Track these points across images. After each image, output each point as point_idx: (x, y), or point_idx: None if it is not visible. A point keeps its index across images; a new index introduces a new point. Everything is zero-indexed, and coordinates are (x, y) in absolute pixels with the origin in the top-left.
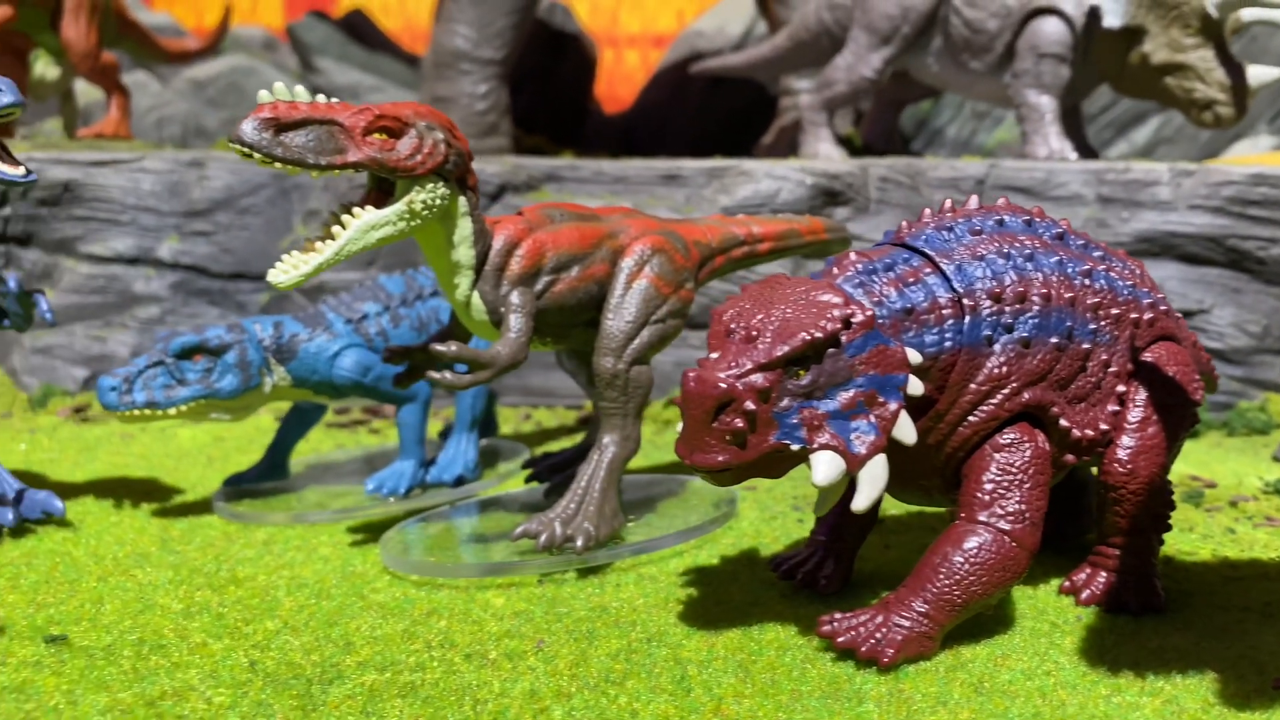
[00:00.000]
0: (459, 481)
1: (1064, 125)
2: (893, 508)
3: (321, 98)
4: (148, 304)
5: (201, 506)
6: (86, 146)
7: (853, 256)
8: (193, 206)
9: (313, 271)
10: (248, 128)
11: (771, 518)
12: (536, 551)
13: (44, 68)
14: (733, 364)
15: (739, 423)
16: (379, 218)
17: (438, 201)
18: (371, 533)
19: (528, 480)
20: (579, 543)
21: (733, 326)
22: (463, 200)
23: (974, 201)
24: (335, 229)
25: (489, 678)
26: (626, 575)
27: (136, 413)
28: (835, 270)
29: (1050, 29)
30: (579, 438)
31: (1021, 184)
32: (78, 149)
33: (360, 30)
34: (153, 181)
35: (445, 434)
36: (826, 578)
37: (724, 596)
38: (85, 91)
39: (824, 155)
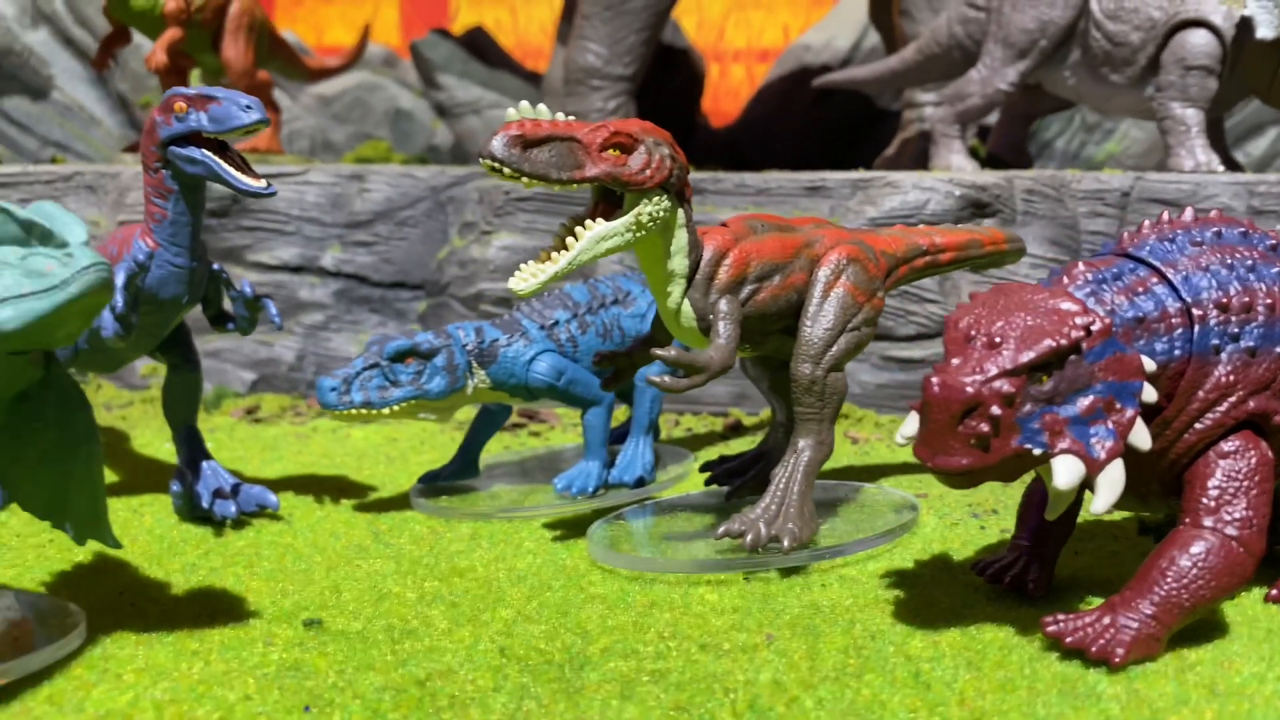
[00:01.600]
0: (639, 483)
1: (1208, 138)
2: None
3: (561, 116)
4: (312, 310)
5: (398, 502)
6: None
7: (1081, 266)
8: (354, 218)
9: (549, 280)
10: (497, 144)
11: (952, 525)
12: (741, 551)
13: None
14: (977, 369)
15: (984, 427)
16: (608, 229)
17: (661, 214)
18: (567, 529)
19: (707, 484)
20: (785, 543)
21: (972, 333)
22: (681, 212)
23: (1189, 214)
24: (569, 240)
25: (729, 667)
26: (828, 576)
27: (353, 412)
28: (1065, 279)
29: (1198, 41)
30: (734, 445)
31: (1168, 196)
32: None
33: (481, 47)
34: (316, 194)
35: (620, 437)
36: (1034, 581)
37: (931, 598)
38: None
39: (956, 167)
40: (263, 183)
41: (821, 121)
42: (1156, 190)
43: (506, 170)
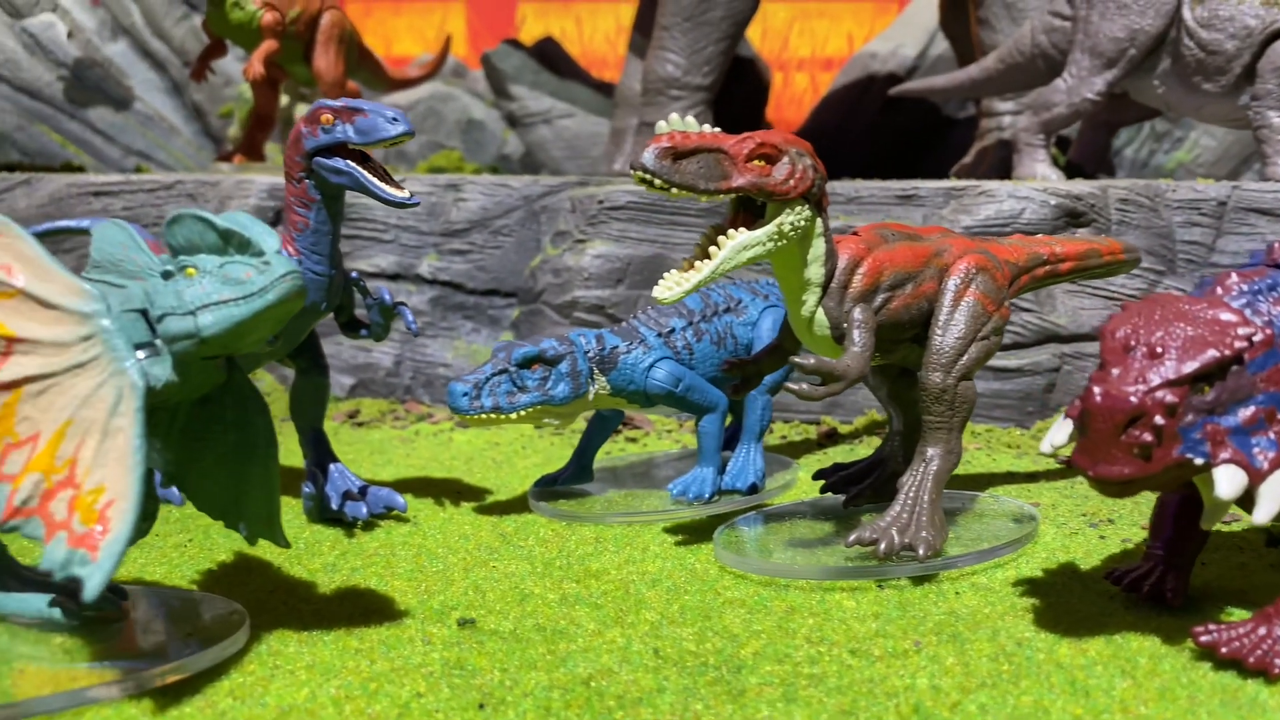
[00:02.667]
0: (752, 489)
1: None
2: None
3: (708, 127)
4: None
5: (516, 505)
6: None
7: (1234, 277)
8: (450, 226)
9: (692, 288)
10: (649, 156)
11: (1071, 534)
12: (875, 558)
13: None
14: (1140, 379)
15: (1147, 437)
16: (751, 239)
17: (802, 223)
18: (688, 534)
19: (823, 491)
20: (920, 551)
21: (1131, 343)
22: (819, 221)
23: None
24: (712, 249)
25: (884, 673)
26: (959, 584)
27: (483, 416)
28: (1219, 289)
29: None
30: (832, 453)
31: (1265, 205)
32: None
33: (551, 57)
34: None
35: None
36: (1171, 590)
37: (1068, 606)
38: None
39: (1041, 176)
40: (406, 193)
41: (888, 129)
42: (1254, 200)
43: (657, 182)
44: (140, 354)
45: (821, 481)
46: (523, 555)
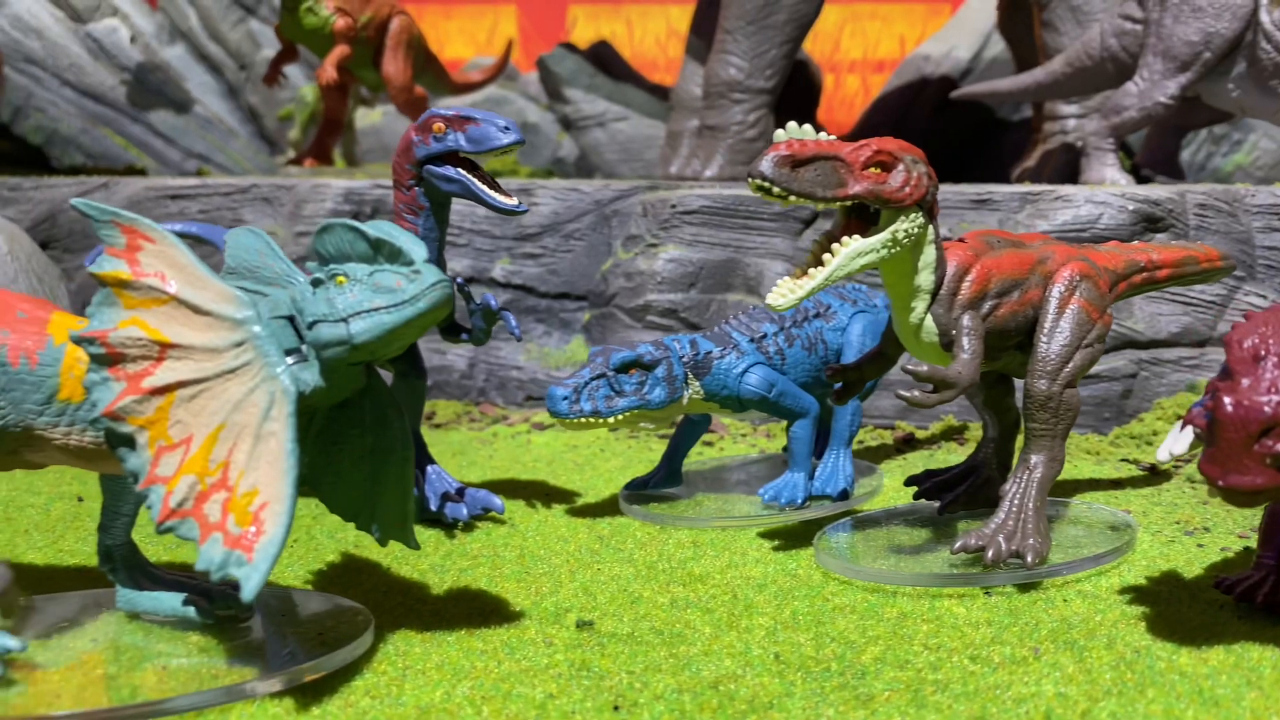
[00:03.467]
0: (843, 495)
1: None
2: None
3: (824, 135)
4: None
5: (606, 508)
6: None
7: None
8: (522, 231)
9: (806, 294)
10: (767, 164)
11: (1168, 542)
12: (983, 565)
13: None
14: (1273, 389)
15: None
16: (865, 245)
17: (916, 230)
18: (784, 538)
19: (916, 497)
20: (1029, 558)
21: (1261, 353)
22: (930, 228)
23: None
24: (825, 256)
25: (1007, 679)
26: (1065, 592)
27: (583, 420)
28: None
29: None
30: (911, 459)
31: None
32: None
33: (606, 61)
34: None
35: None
36: None
37: (1179, 615)
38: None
39: (1110, 181)
40: (515, 200)
41: (941, 133)
42: None
43: (776, 189)
44: (289, 360)
45: (914, 488)
46: (624, 558)
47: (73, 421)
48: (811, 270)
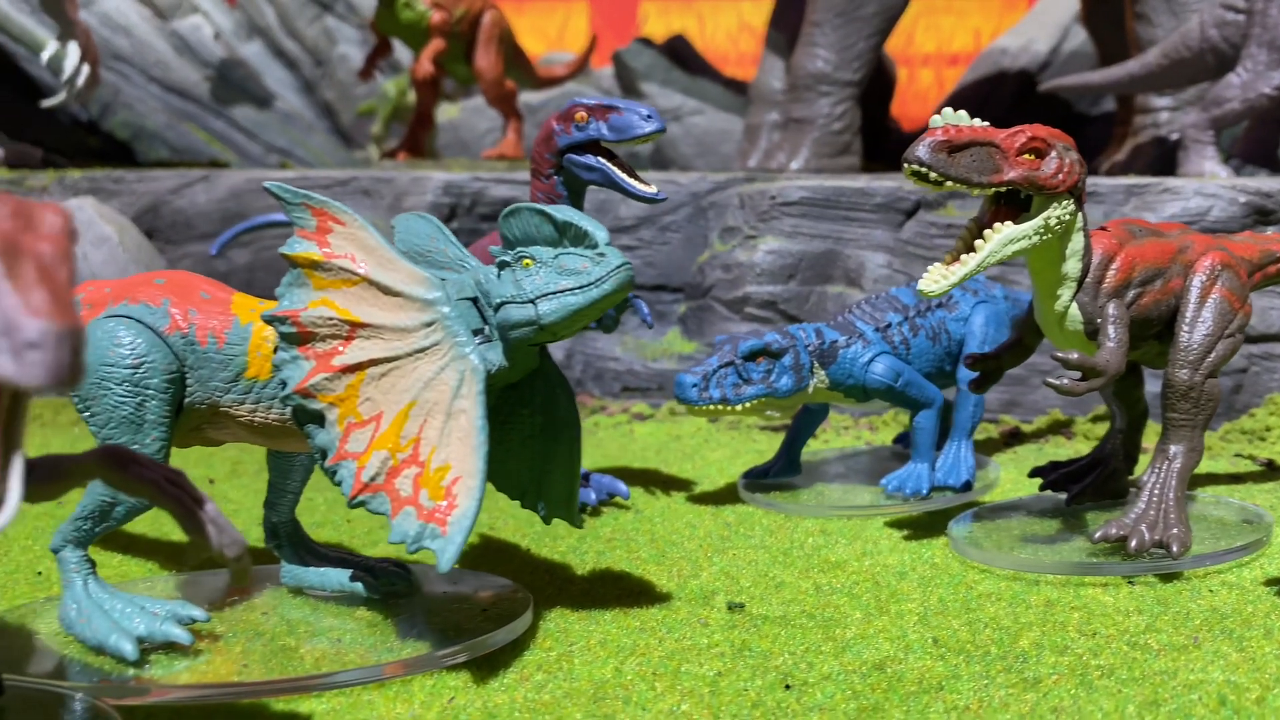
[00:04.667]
0: (966, 486)
1: None
2: None
3: (978, 121)
4: None
5: (725, 496)
6: (509, 168)
7: None
8: (620, 223)
9: (958, 281)
10: (924, 150)
11: None
12: (1126, 554)
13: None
14: None
15: None
16: (1017, 232)
17: (1067, 217)
18: (913, 528)
19: (1042, 489)
20: (1174, 548)
21: None
22: (1080, 216)
23: None
24: (977, 243)
25: (1171, 666)
26: (1209, 582)
27: (711, 407)
28: None
29: None
30: (1021, 452)
31: None
32: (516, 170)
33: (682, 55)
34: (587, 199)
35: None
36: None
37: None
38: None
39: (1209, 173)
40: (653, 188)
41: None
42: None
43: (933, 175)
44: (476, 339)
45: (1038, 479)
46: (756, 544)
47: (259, 399)
48: (964, 257)
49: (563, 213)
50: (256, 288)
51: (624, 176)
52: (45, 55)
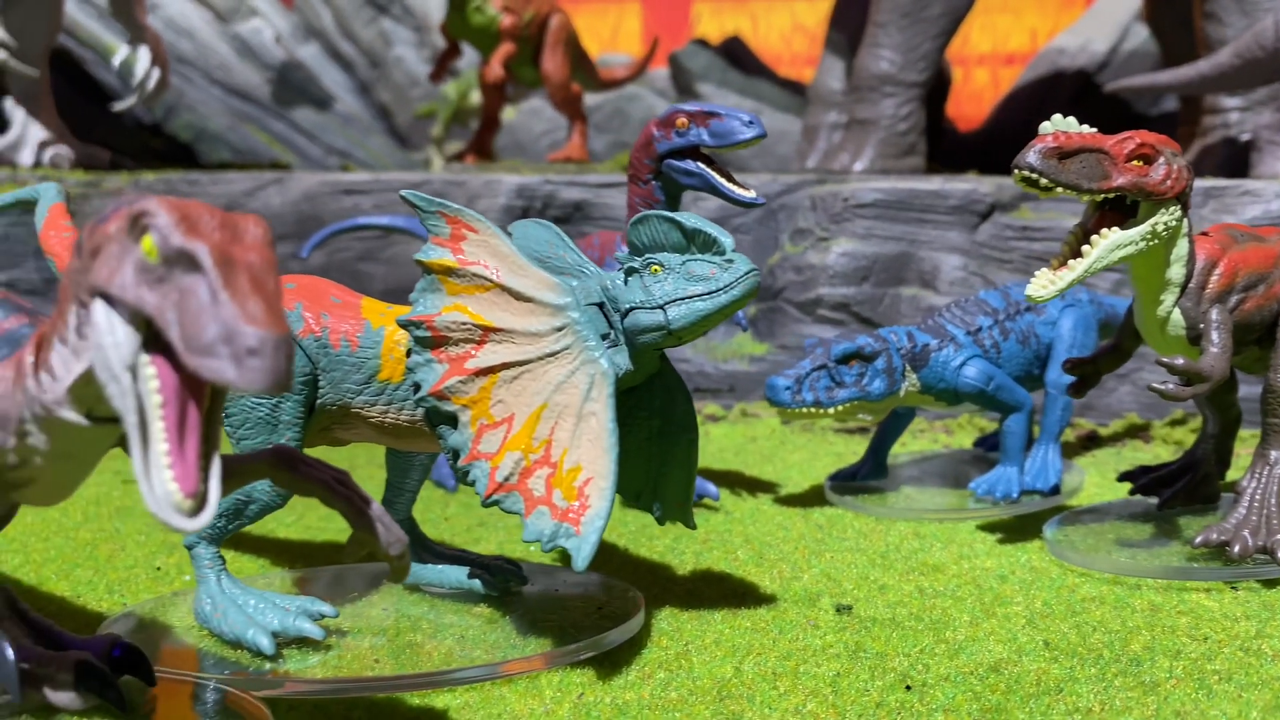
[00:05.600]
0: (1054, 490)
1: None
2: None
3: (1087, 127)
4: None
5: (811, 498)
6: (578, 170)
7: None
8: None
9: (1066, 286)
10: (1034, 156)
11: None
12: (1229, 560)
13: (477, 96)
14: None
15: None
16: (1124, 238)
17: (1173, 223)
18: (1003, 531)
19: (1132, 493)
20: (1279, 554)
21: None
22: (1185, 222)
23: None
24: (1084, 248)
25: None
26: None
27: (804, 410)
28: None
29: None
30: (1100, 456)
31: None
32: (585, 173)
33: (738, 56)
34: None
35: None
36: None
37: None
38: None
39: None
40: (753, 193)
41: None
42: None
43: (1043, 181)
44: (604, 344)
45: (1127, 484)
46: (852, 547)
47: (391, 400)
48: (1071, 262)
49: (691, 220)
50: None
51: (723, 181)
52: (117, 60)
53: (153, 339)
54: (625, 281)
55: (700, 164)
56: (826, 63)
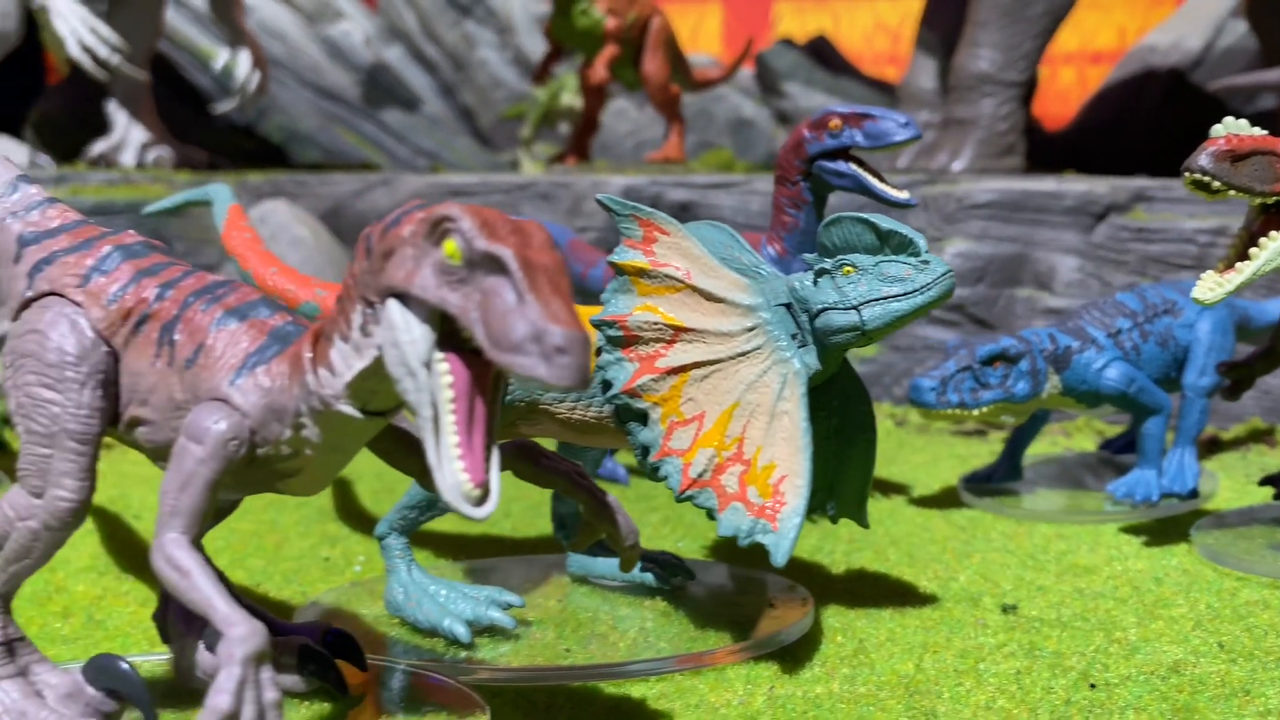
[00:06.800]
0: (1192, 493)
1: None
2: None
3: (1258, 130)
4: None
5: (944, 500)
6: (684, 171)
7: None
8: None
9: (1234, 289)
10: (1207, 159)
11: None
12: None
13: (570, 98)
14: None
15: None
16: None
17: None
18: (1146, 534)
19: (1276, 497)
20: None
21: None
22: None
23: None
24: (1252, 251)
25: None
26: None
27: (949, 411)
28: None
29: None
30: (1225, 460)
31: None
32: (690, 174)
33: (825, 55)
34: (761, 202)
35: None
36: None
37: None
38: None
39: None
40: (905, 194)
41: (1169, 128)
42: None
43: (1215, 184)
44: (794, 343)
45: (1268, 488)
46: (999, 548)
47: (579, 397)
48: (1238, 265)
49: (886, 222)
50: None
51: (875, 182)
52: (219, 64)
53: (444, 337)
54: (815, 282)
55: (852, 165)
56: (918, 62)
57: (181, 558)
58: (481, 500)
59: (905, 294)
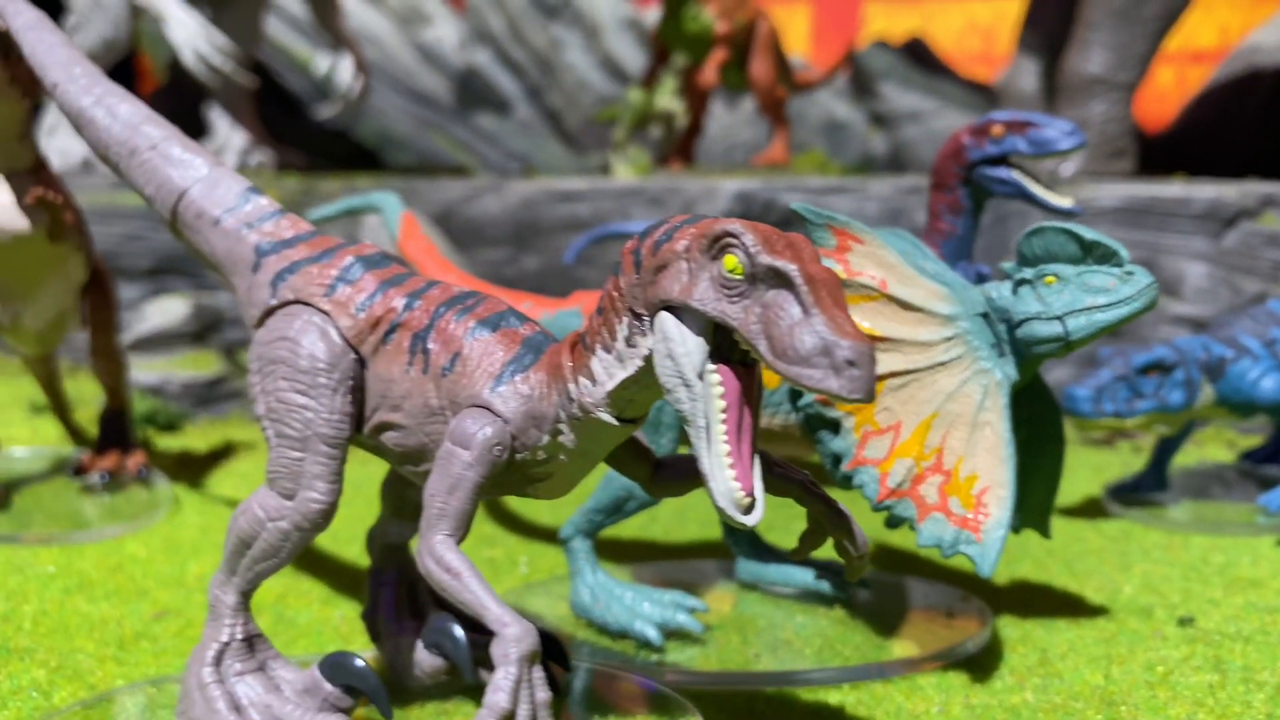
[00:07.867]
0: None
1: None
2: None
3: None
4: None
5: (1086, 510)
6: (796, 174)
7: None
8: (912, 229)
9: None
10: None
11: None
12: None
13: (668, 100)
14: None
15: None
16: None
17: None
18: None
19: None
20: None
21: None
22: None
23: None
24: None
25: None
26: None
27: (1104, 421)
28: None
29: None
30: None
31: None
32: (805, 177)
33: (921, 56)
34: (877, 207)
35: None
36: None
37: None
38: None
39: None
40: (1069, 202)
41: (1277, 130)
42: None
43: None
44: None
45: None
46: (1158, 560)
47: (765, 404)
48: None
49: (1090, 232)
50: (547, 293)
51: (1037, 190)
52: (321, 68)
53: (713, 349)
54: (1014, 292)
55: (1014, 172)
56: (1020, 63)
57: (451, 559)
58: (751, 508)
59: (1110, 305)
